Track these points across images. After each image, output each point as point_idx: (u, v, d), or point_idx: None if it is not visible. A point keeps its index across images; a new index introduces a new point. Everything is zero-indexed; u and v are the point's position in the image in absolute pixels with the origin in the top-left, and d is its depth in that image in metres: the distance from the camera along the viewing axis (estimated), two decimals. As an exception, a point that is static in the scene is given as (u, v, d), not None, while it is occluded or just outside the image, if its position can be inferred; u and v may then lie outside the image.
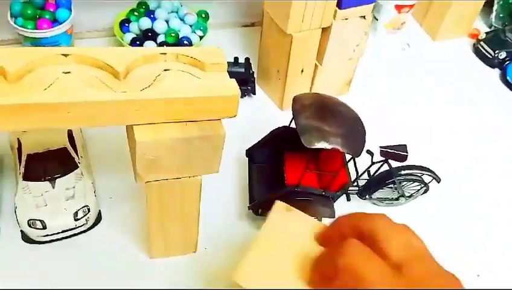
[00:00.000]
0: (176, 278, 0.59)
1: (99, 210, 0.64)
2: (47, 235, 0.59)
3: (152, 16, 0.85)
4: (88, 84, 0.45)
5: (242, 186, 0.70)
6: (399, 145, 0.61)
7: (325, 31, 0.75)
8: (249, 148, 0.68)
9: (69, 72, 0.45)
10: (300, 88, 0.82)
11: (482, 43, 1.01)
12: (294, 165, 0.64)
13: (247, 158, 0.68)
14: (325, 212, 0.61)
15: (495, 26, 1.07)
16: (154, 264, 0.60)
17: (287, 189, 0.59)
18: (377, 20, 0.97)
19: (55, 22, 0.77)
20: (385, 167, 0.65)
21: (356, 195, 0.68)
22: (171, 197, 0.52)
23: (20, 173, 0.62)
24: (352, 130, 0.58)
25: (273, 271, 0.41)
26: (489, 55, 0.99)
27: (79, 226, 0.60)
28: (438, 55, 1.00)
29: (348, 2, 0.73)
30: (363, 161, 0.63)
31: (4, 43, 0.83)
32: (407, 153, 0.60)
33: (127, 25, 0.84)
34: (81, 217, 0.60)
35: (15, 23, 0.76)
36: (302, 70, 0.79)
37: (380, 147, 0.61)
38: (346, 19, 0.75)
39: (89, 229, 0.62)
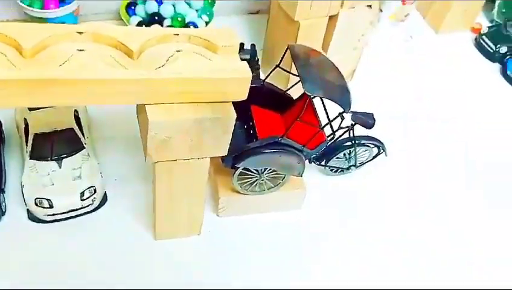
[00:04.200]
0: (179, 260, 0.60)
1: (105, 191, 0.64)
2: (53, 214, 0.59)
3: (158, -1, 0.85)
4: (102, 62, 0.45)
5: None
6: (367, 113, 0.62)
7: (332, 19, 0.76)
8: None
9: (83, 50, 0.45)
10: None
11: (483, 37, 1.02)
12: (263, 120, 0.63)
13: None
14: (297, 170, 0.61)
15: (497, 21, 1.07)
16: (159, 245, 0.61)
17: (271, 139, 0.57)
18: (381, 11, 0.97)
19: (62, 2, 0.77)
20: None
21: (313, 161, 0.67)
22: (179, 178, 0.53)
23: (27, 152, 0.62)
24: (344, 87, 0.57)
25: None
26: (490, 50, 1.00)
27: (85, 207, 0.61)
28: (440, 47, 1.01)
29: (356, -9, 0.73)
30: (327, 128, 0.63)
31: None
32: (374, 121, 0.60)
33: (133, 7, 0.84)
34: (88, 197, 0.60)
35: (22, 2, 0.76)
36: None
37: (352, 111, 0.59)
38: (353, 7, 0.75)
39: (94, 209, 0.62)
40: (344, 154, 0.68)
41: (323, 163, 0.68)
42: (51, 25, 0.47)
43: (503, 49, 0.99)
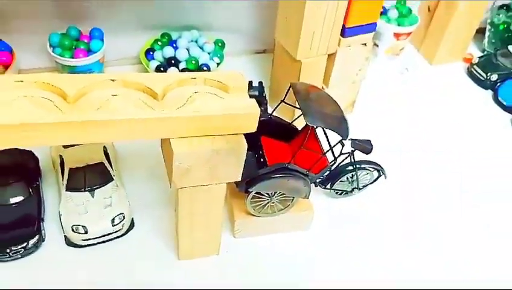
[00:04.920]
0: (201, 278, 0.67)
1: (132, 217, 0.71)
2: (88, 239, 0.67)
3: (174, 45, 0.94)
4: (133, 104, 0.53)
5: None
6: (365, 139, 0.70)
7: (331, 57, 0.84)
8: None
9: (116, 95, 0.54)
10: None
11: (475, 66, 1.09)
12: (272, 149, 0.71)
13: None
14: (304, 192, 0.68)
15: (487, 51, 1.15)
16: (182, 264, 0.68)
17: (279, 165, 0.64)
18: (377, 46, 1.06)
19: (89, 51, 0.87)
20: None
21: (319, 185, 0.75)
22: (199, 202, 0.60)
23: (63, 185, 0.70)
24: (342, 117, 0.65)
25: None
26: (482, 78, 1.08)
27: (116, 231, 0.68)
28: (435, 78, 1.09)
29: (351, 31, 0.82)
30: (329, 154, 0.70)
31: (43, 70, 0.92)
32: (372, 146, 0.69)
33: (151, 53, 0.94)
34: (118, 223, 0.68)
35: (53, 52, 0.85)
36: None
37: (350, 138, 0.67)
38: (349, 46, 0.84)
39: (124, 234, 0.69)
40: (347, 178, 0.75)
41: (328, 186, 0.75)
42: (88, 75, 0.56)
43: (494, 77, 1.07)
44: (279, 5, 0.82)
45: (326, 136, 0.71)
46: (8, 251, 0.63)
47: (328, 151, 0.68)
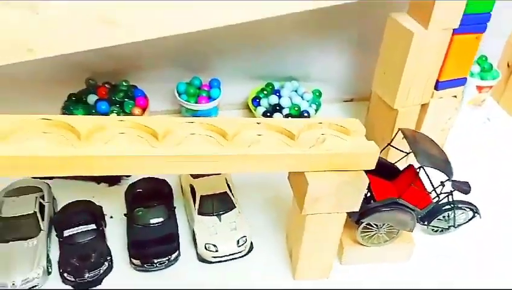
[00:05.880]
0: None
1: (251, 241, 0.82)
2: (217, 256, 0.78)
3: (278, 93, 1.07)
4: (275, 143, 0.65)
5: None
6: (464, 181, 0.77)
7: (424, 106, 0.94)
8: None
9: (261, 135, 0.66)
10: (401, 154, 0.99)
11: (554, 118, 1.15)
12: (378, 186, 0.80)
13: None
14: (409, 225, 0.76)
15: None
16: (296, 284, 0.77)
17: (391, 200, 0.74)
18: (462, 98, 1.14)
19: (209, 98, 1.01)
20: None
21: (418, 221, 0.81)
22: (322, 228, 0.70)
23: (195, 209, 0.82)
24: (446, 159, 0.74)
25: None
26: (562, 129, 1.13)
27: (240, 252, 0.79)
28: (516, 128, 1.16)
29: (443, 84, 0.91)
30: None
31: (166, 113, 1.07)
32: (470, 188, 0.76)
33: (257, 100, 1.07)
34: (242, 244, 0.78)
35: (180, 98, 1.00)
36: (403, 138, 0.97)
37: (451, 180, 0.75)
38: (441, 97, 0.93)
39: (245, 254, 0.80)
40: (444, 216, 0.83)
41: (426, 223, 0.83)
42: (239, 118, 0.69)
43: None
44: (378, 60, 0.93)
45: (428, 176, 0.80)
46: (155, 261, 0.75)
47: (433, 190, 0.76)
